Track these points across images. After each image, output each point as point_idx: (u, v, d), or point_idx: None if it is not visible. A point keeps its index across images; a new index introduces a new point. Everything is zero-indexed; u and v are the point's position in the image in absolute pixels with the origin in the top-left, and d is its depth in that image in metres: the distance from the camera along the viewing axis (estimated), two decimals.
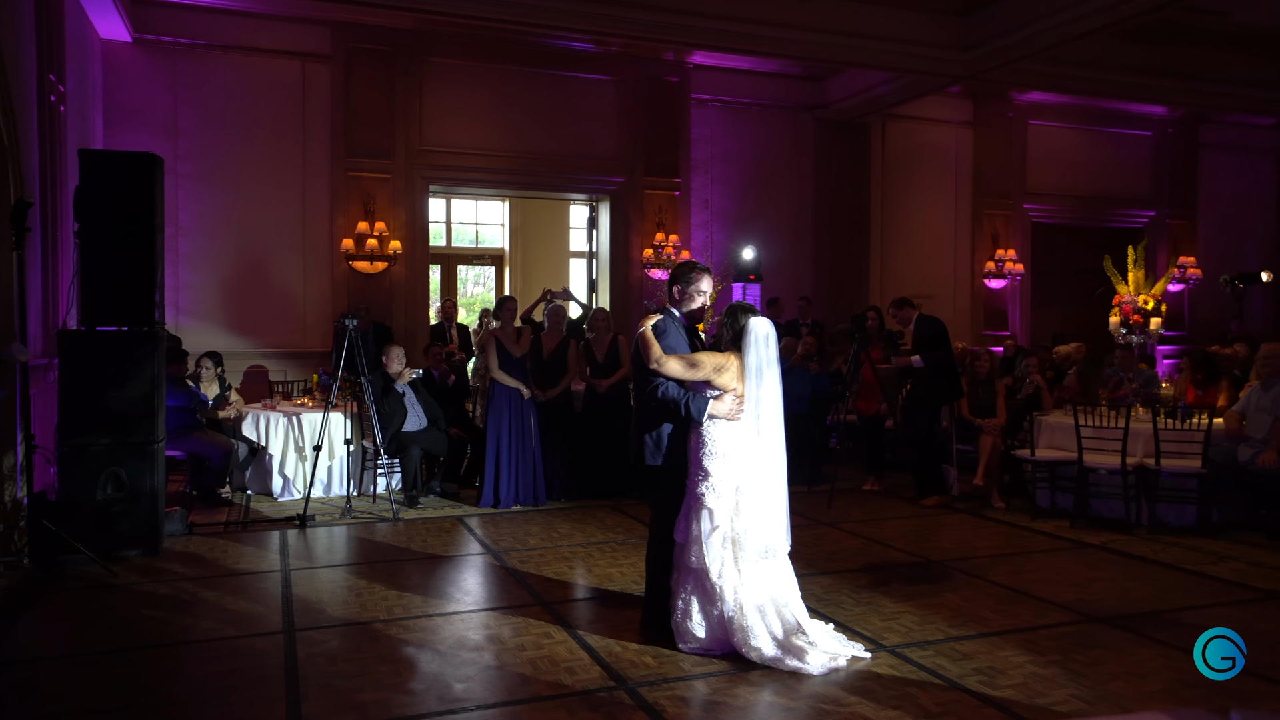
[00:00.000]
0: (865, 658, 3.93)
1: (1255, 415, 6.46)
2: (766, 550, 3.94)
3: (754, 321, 4.01)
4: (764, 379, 4.01)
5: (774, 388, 4.05)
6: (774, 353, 4.04)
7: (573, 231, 14.31)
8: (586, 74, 10.99)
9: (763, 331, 4.01)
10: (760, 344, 3.99)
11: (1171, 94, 12.12)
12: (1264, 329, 14.21)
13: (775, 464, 4.07)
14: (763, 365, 4.00)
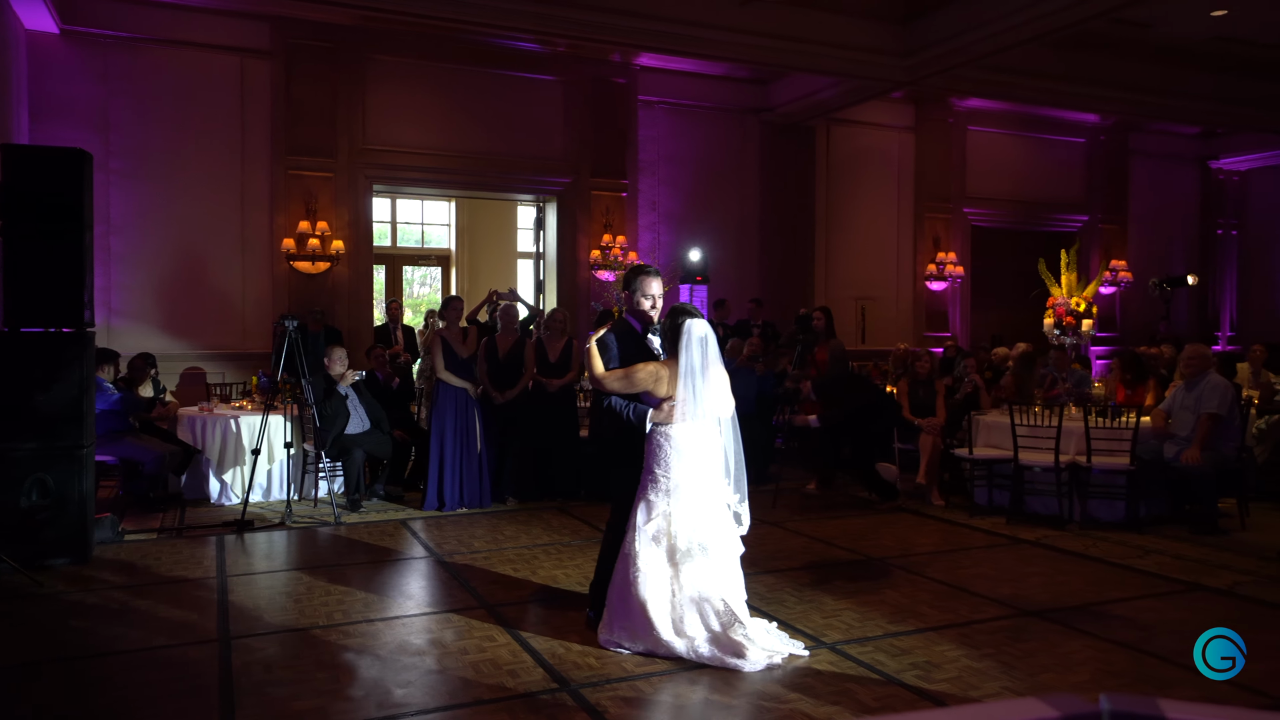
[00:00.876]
0: (803, 655, 3.96)
1: (1179, 414, 6.71)
2: (690, 548, 3.92)
3: (690, 323, 4.02)
4: (707, 378, 4.02)
5: (718, 386, 4.07)
6: (713, 353, 4.05)
7: (520, 232, 14.25)
8: (533, 74, 10.95)
9: (698, 333, 4.01)
10: (695, 346, 3.99)
11: (1102, 102, 12.52)
12: (1190, 330, 14.78)
13: (720, 462, 4.08)
14: (699, 366, 3.99)
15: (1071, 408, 7.13)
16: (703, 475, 4.03)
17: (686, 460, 4.01)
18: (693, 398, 4.00)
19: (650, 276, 4.29)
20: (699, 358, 3.99)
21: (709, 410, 4.05)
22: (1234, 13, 10.36)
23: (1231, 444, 6.64)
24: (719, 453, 4.09)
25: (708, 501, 4.02)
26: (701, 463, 4.03)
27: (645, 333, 4.31)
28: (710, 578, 3.94)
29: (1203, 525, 6.47)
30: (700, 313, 4.18)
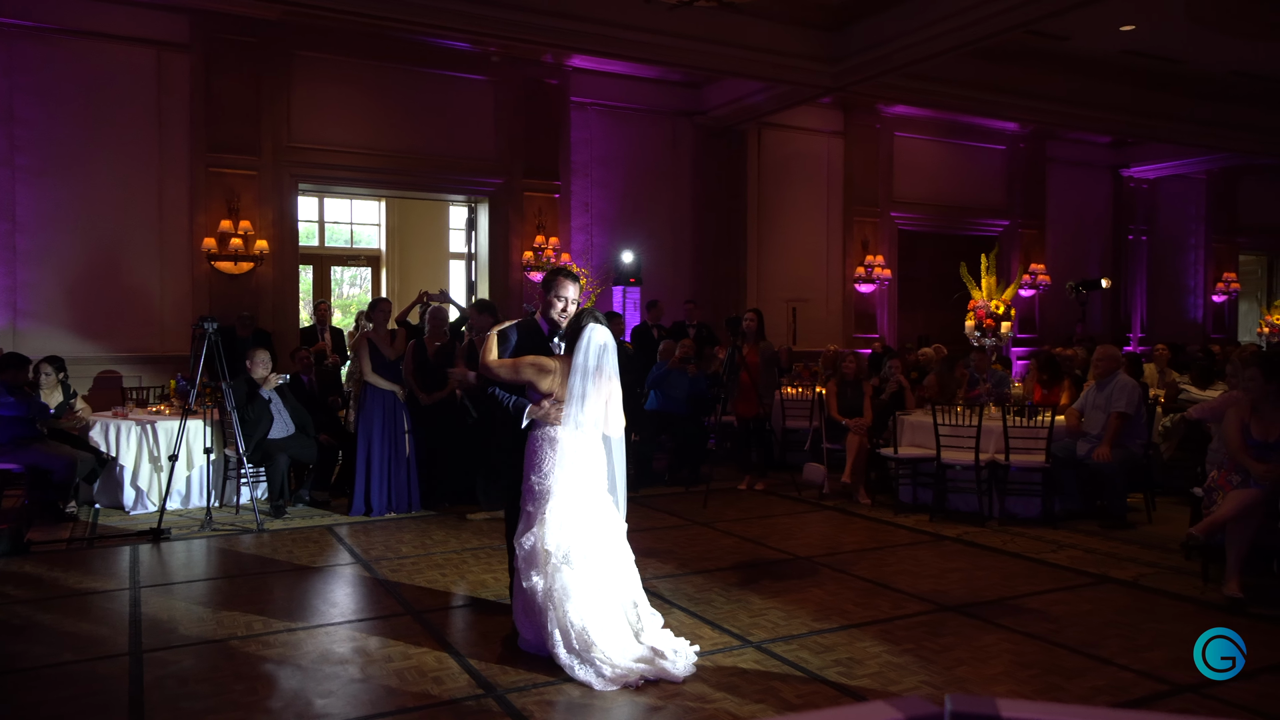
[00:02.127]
0: (676, 678, 3.73)
1: (1091, 413, 6.97)
2: (561, 561, 3.84)
3: (594, 328, 3.98)
4: (598, 386, 3.95)
5: (610, 401, 3.99)
6: (610, 366, 3.97)
7: (452, 233, 14.08)
8: (465, 74, 10.84)
9: (599, 339, 3.95)
10: (592, 350, 3.93)
11: (1021, 111, 12.94)
12: (1104, 331, 15.38)
13: (601, 471, 4.03)
14: (591, 370, 3.92)
15: (991, 408, 7.35)
16: (582, 486, 3.95)
17: (566, 468, 3.93)
18: (579, 401, 3.92)
19: (566, 279, 4.28)
20: (593, 362, 3.93)
21: (595, 420, 3.98)
22: (1141, 29, 10.83)
23: (1139, 441, 6.94)
24: (603, 468, 4.03)
25: (585, 515, 3.93)
26: (581, 473, 3.95)
27: (551, 335, 4.28)
28: (575, 593, 3.82)
29: (1112, 520, 6.74)
30: (607, 323, 4.10)
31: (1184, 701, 3.57)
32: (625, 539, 4.10)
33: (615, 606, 3.91)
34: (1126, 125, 13.64)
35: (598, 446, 4.05)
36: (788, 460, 9.03)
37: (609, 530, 4.00)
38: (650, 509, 7.45)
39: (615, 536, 4.03)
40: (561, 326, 4.25)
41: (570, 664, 3.74)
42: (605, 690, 3.63)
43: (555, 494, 3.93)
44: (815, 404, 8.70)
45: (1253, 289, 18.62)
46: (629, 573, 4.05)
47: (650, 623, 4.01)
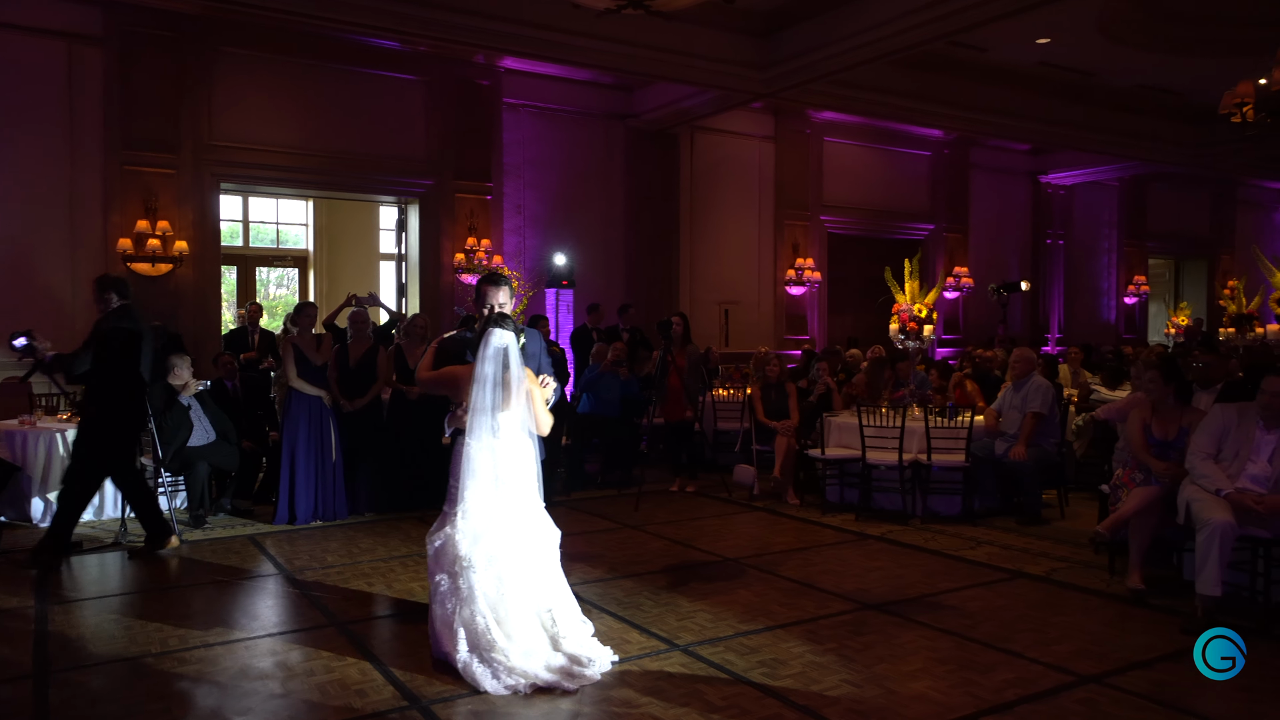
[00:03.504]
0: (571, 691, 3.71)
1: (1008, 413, 7.22)
2: (470, 560, 3.82)
3: (493, 333, 3.93)
4: (504, 391, 3.91)
5: (520, 398, 3.95)
6: (515, 369, 3.93)
7: (382, 233, 13.87)
8: (394, 73, 10.69)
9: (495, 344, 3.90)
10: (489, 356, 3.89)
11: (944, 119, 13.31)
12: (1024, 333, 15.91)
13: (525, 475, 4.00)
14: (491, 376, 3.89)
15: (915, 409, 7.55)
16: (496, 492, 3.91)
17: (477, 474, 3.90)
18: (484, 410, 3.89)
19: (492, 285, 4.27)
20: (492, 368, 3.89)
21: (515, 424, 3.94)
22: (1056, 42, 11.24)
23: (1052, 440, 7.21)
24: (529, 472, 4.00)
25: (499, 520, 3.90)
26: (495, 479, 3.91)
27: None
28: (480, 595, 3.79)
29: (1028, 516, 6.99)
30: (514, 326, 4.03)
31: (1087, 692, 3.73)
32: (551, 546, 4.08)
33: (527, 612, 3.89)
34: (1043, 134, 14.13)
35: (521, 451, 4.01)
36: (719, 461, 9.13)
37: (528, 536, 3.96)
38: (582, 512, 7.46)
39: (535, 543, 3.99)
40: None
41: (469, 661, 3.73)
42: (496, 693, 3.62)
43: (465, 499, 3.90)
44: (746, 406, 8.82)
45: (1161, 291, 19.48)
46: (549, 580, 4.02)
47: (573, 630, 4.00)
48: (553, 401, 4.27)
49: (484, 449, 3.93)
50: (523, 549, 3.94)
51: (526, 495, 4.02)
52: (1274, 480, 4.57)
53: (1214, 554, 4.42)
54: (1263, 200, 19.96)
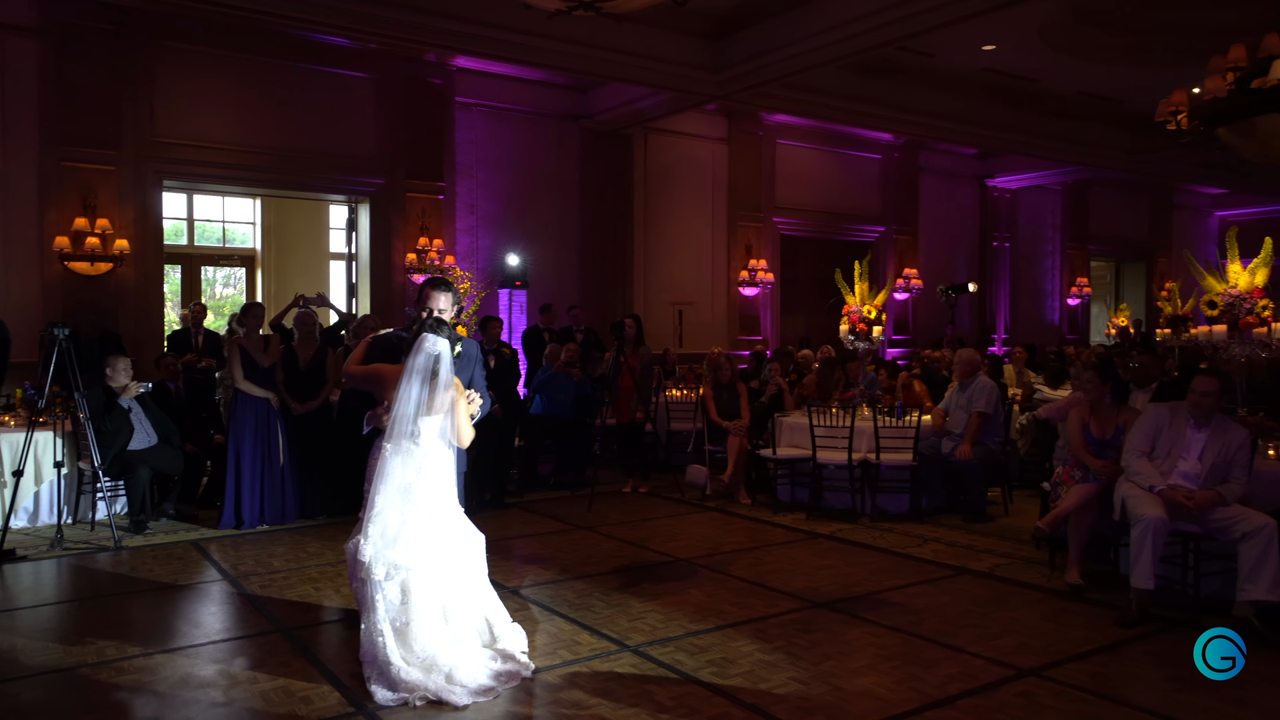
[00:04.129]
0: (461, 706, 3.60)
1: (955, 413, 7.37)
2: (370, 569, 3.74)
3: (426, 338, 3.87)
4: (429, 398, 3.84)
5: (444, 407, 3.87)
6: (444, 376, 3.86)
7: (332, 232, 13.65)
8: (344, 70, 10.54)
9: (429, 350, 3.85)
10: (420, 359, 3.83)
11: (894, 123, 13.52)
12: (972, 333, 16.23)
13: (443, 483, 3.92)
14: (420, 379, 3.82)
15: (864, 409, 7.66)
16: (410, 499, 3.83)
17: (389, 482, 3.82)
18: (406, 415, 3.81)
19: (436, 290, 4.24)
20: (420, 374, 3.83)
21: (436, 431, 3.87)
22: (1001, 49, 11.50)
23: (996, 439, 7.37)
24: (438, 479, 3.90)
25: (407, 529, 3.80)
26: (412, 485, 3.83)
27: None
28: (382, 606, 3.73)
29: (973, 513, 7.14)
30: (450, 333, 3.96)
31: (1026, 685, 3.82)
32: (473, 553, 3.97)
33: (435, 622, 3.78)
34: (989, 139, 14.43)
35: (439, 460, 3.91)
36: (673, 462, 9.17)
37: (443, 546, 3.84)
38: (535, 514, 7.44)
39: (453, 552, 3.87)
40: None
41: (368, 674, 3.70)
42: (384, 703, 3.57)
43: (375, 505, 3.82)
44: (698, 406, 8.86)
45: (1103, 293, 20.02)
46: (471, 588, 3.92)
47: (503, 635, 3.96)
48: (479, 416, 4.21)
49: (400, 455, 3.84)
50: (437, 559, 3.82)
51: (442, 504, 3.90)
52: (1203, 477, 4.72)
53: (1147, 549, 4.56)
54: (1198, 205, 20.61)
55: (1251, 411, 5.74)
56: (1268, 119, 7.73)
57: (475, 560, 4.00)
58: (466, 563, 3.95)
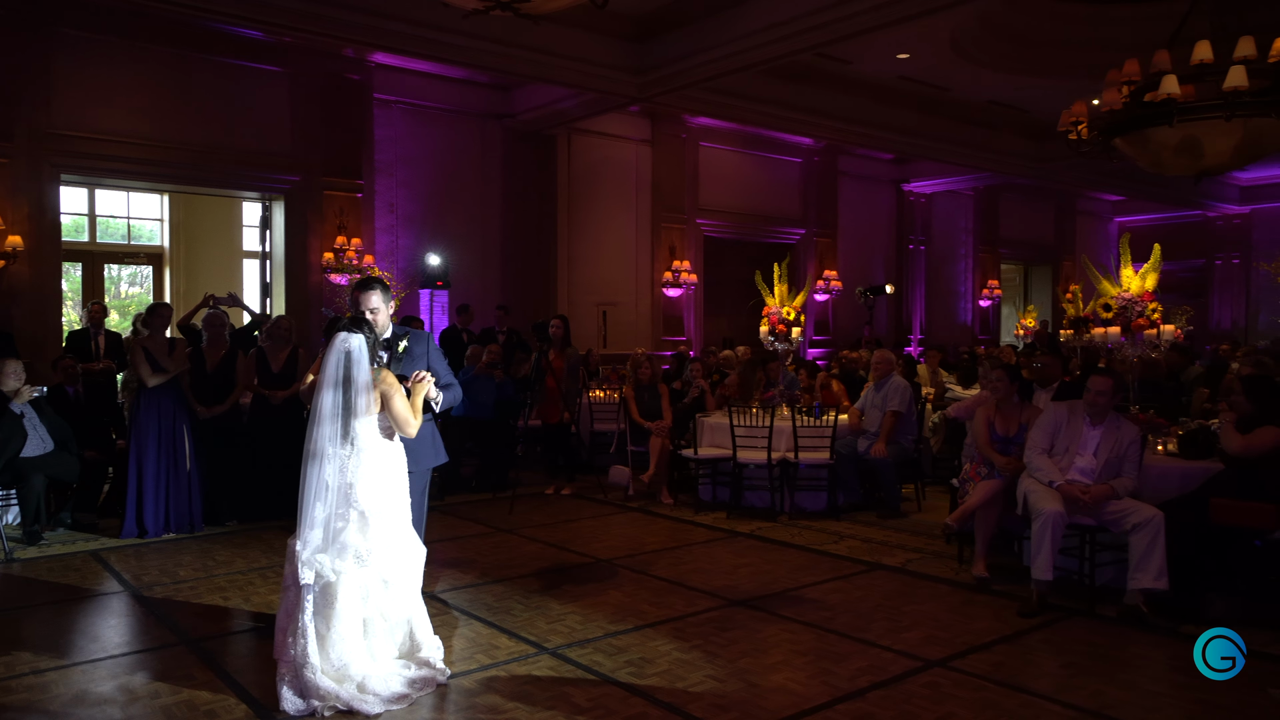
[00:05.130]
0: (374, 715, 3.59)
1: (870, 412, 7.56)
2: (296, 574, 3.67)
3: (337, 337, 3.79)
4: (349, 398, 3.74)
5: (353, 409, 3.75)
6: (357, 372, 3.75)
7: (245, 230, 13.23)
8: (258, 64, 10.23)
9: (339, 348, 3.76)
10: (331, 359, 3.75)
11: (813, 128, 13.78)
12: (889, 334, 16.67)
13: (356, 490, 3.76)
14: (334, 380, 3.73)
15: (784, 409, 7.80)
16: (334, 506, 3.73)
17: (317, 487, 3.72)
18: (325, 418, 3.72)
19: (364, 290, 4.16)
20: (334, 372, 3.75)
21: (355, 433, 3.76)
22: (915, 58, 11.84)
23: (910, 437, 7.59)
24: (372, 482, 3.79)
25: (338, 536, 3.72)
26: (335, 492, 3.74)
27: None
28: (301, 613, 3.65)
29: (888, 510, 7.34)
30: (368, 329, 3.87)
31: (932, 676, 3.95)
32: (408, 563, 3.89)
33: (354, 633, 3.71)
34: (904, 144, 14.84)
35: (381, 460, 3.85)
36: (596, 463, 9.16)
37: (376, 554, 3.75)
38: (456, 517, 7.36)
39: (385, 561, 3.78)
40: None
41: (282, 674, 3.63)
42: (294, 711, 3.51)
43: (305, 510, 3.72)
44: (621, 407, 8.88)
45: (1012, 295, 20.78)
46: (391, 602, 3.82)
47: (425, 644, 3.89)
48: (442, 402, 4.15)
49: (326, 459, 3.75)
50: (368, 567, 3.74)
51: (384, 510, 3.81)
52: (1098, 472, 4.95)
53: (1046, 541, 4.76)
54: (1099, 211, 21.59)
55: (1143, 409, 6.04)
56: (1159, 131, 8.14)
57: (409, 572, 3.91)
58: (400, 574, 3.85)
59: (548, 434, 8.64)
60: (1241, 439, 4.72)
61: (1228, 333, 18.87)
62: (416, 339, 4.34)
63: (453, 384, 4.32)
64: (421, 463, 4.26)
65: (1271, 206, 19.27)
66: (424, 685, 3.75)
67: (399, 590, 3.85)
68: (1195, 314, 18.52)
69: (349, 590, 3.70)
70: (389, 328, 4.25)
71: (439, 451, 4.37)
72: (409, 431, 3.89)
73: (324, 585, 3.68)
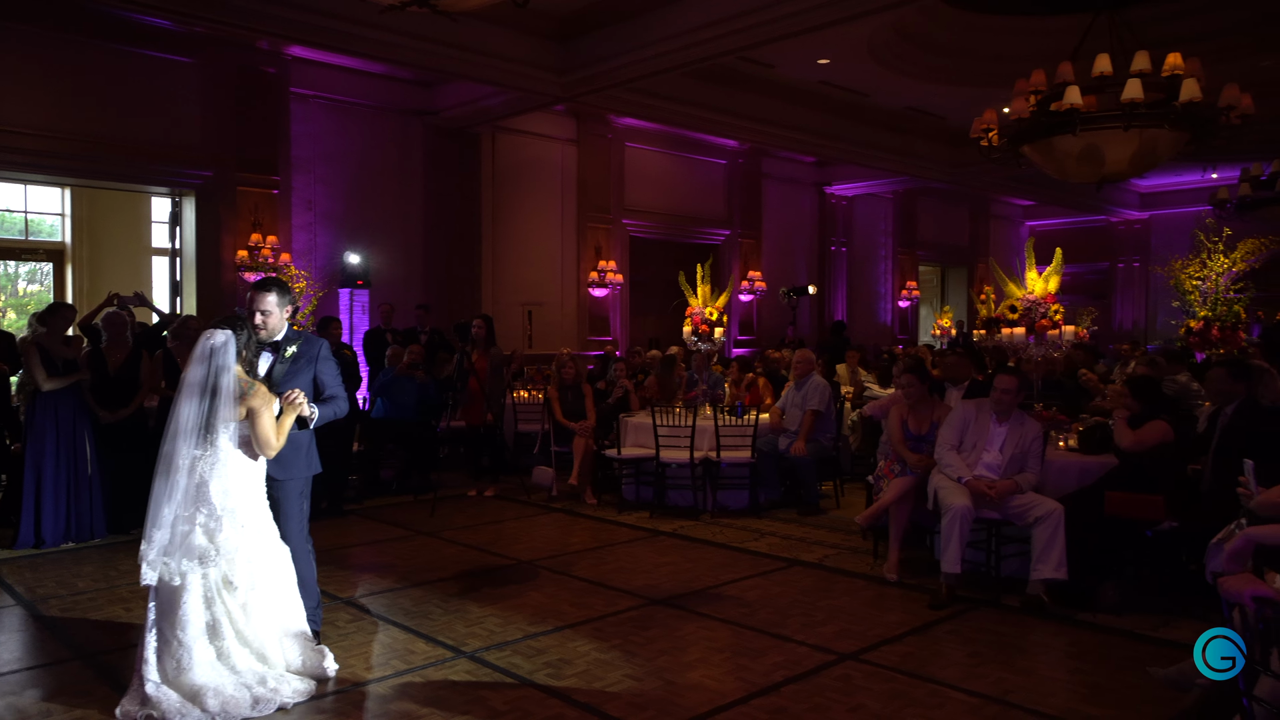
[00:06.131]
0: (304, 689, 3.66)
1: (791, 411, 7.69)
2: (161, 577, 3.57)
3: (205, 334, 3.67)
4: (214, 405, 3.62)
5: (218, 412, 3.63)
6: (222, 379, 3.61)
7: (154, 226, 12.73)
8: (168, 54, 9.84)
9: (203, 346, 3.64)
10: (196, 359, 3.64)
11: (737, 130, 13.94)
12: (812, 334, 16.98)
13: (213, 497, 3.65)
14: (200, 381, 3.61)
15: (706, 408, 7.87)
16: (184, 511, 3.62)
17: (170, 491, 3.61)
18: (186, 420, 3.60)
19: (260, 291, 4.03)
20: (199, 374, 3.62)
21: (215, 437, 3.64)
22: (835, 64, 12.08)
23: (829, 435, 7.75)
24: (232, 489, 3.67)
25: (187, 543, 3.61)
26: (188, 498, 3.62)
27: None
28: (147, 623, 3.60)
29: (807, 507, 7.48)
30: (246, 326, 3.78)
31: (844, 669, 4.04)
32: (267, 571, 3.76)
33: (200, 641, 3.57)
34: (825, 148, 15.12)
35: (232, 468, 3.70)
36: (520, 464, 9.11)
37: (235, 562, 3.65)
38: (376, 520, 7.23)
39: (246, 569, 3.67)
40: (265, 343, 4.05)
41: (132, 685, 3.55)
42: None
43: (163, 510, 3.61)
44: (546, 407, 8.85)
45: (930, 296, 21.40)
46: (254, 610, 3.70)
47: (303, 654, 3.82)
48: (321, 416, 4.02)
49: (179, 458, 3.61)
50: (223, 572, 3.63)
51: (234, 512, 3.67)
52: (1004, 467, 5.14)
53: (955, 535, 4.92)
54: (1011, 215, 22.37)
55: (1046, 406, 6.29)
56: (1063, 139, 8.51)
57: (274, 578, 3.77)
58: (263, 579, 3.73)
59: (471, 435, 8.56)
60: (1132, 434, 4.95)
61: (1129, 333, 19.79)
62: (308, 344, 4.19)
63: (338, 396, 4.17)
64: (291, 471, 4.07)
65: (1168, 213, 20.26)
66: (292, 695, 3.61)
67: (262, 596, 3.71)
68: (1100, 314, 19.47)
69: (196, 595, 3.57)
70: (282, 330, 4.13)
71: (313, 461, 4.18)
72: (268, 453, 3.74)
73: (169, 590, 3.56)
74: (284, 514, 4.03)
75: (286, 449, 3.90)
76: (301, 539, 4.12)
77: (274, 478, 4.01)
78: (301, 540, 4.12)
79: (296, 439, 4.00)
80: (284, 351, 4.07)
